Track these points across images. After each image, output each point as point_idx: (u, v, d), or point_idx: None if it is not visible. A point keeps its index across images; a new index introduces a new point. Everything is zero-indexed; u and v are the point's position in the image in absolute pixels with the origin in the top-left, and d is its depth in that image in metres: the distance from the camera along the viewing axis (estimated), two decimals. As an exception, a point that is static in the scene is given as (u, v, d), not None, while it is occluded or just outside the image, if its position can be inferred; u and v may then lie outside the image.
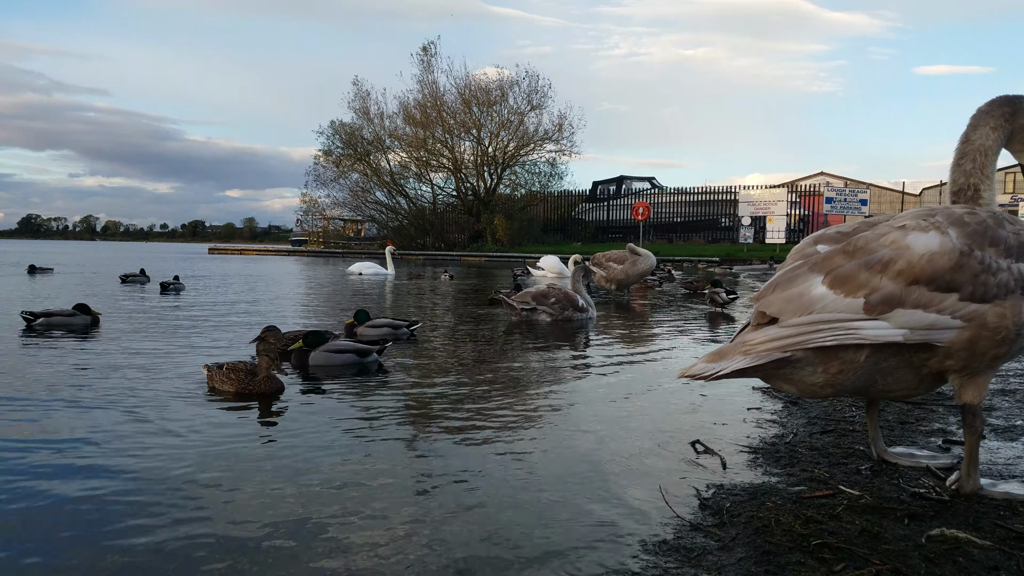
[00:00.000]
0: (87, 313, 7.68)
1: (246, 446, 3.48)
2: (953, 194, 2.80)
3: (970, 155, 2.76)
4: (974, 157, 2.75)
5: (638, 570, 2.17)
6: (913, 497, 2.71)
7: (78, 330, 7.39)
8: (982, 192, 2.75)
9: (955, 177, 2.80)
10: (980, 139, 2.75)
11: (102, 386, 4.73)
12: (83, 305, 7.73)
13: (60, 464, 3.15)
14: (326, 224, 53.86)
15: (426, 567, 2.21)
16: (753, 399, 4.55)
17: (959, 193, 2.78)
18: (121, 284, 14.56)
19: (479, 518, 2.60)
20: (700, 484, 2.92)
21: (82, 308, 7.68)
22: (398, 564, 2.23)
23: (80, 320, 7.59)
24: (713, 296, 10.69)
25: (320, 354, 5.50)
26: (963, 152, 2.77)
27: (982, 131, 2.75)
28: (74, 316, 7.58)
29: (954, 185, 2.80)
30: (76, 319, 7.57)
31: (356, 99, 48.27)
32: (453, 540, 2.41)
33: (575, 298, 9.00)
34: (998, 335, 2.43)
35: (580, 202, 50.37)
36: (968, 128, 2.79)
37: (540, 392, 4.85)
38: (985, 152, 2.75)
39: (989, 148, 2.75)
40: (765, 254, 31.98)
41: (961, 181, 2.78)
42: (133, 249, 63.17)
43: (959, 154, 2.79)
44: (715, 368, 2.49)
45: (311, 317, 9.67)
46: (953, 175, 2.81)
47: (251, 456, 3.31)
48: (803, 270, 2.60)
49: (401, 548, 2.35)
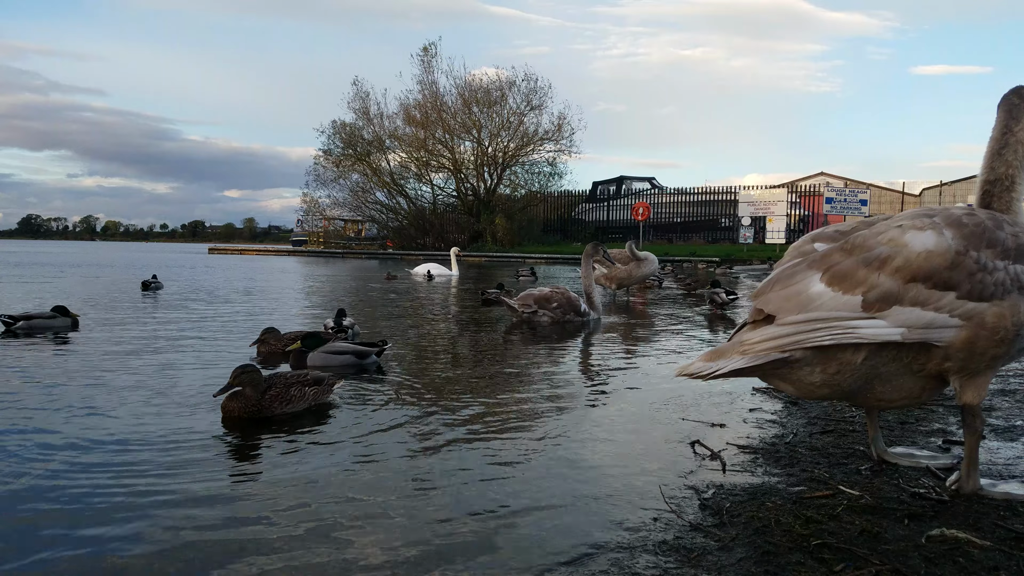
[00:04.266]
0: (66, 315, 7.64)
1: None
2: (987, 183, 2.77)
3: (1013, 146, 2.73)
4: (1017, 148, 2.73)
5: (638, 570, 2.17)
6: (913, 497, 2.70)
7: (59, 331, 7.36)
8: (1017, 184, 2.73)
9: (995, 166, 2.76)
10: (1023, 131, 2.72)
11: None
12: (62, 307, 7.71)
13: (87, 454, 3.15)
14: (326, 224, 53.88)
15: (428, 568, 2.21)
16: (753, 399, 4.55)
17: (995, 183, 2.75)
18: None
19: (479, 518, 2.59)
20: (700, 484, 2.92)
21: (61, 310, 7.65)
22: (401, 563, 2.23)
23: (60, 322, 7.55)
24: (713, 296, 10.69)
25: (318, 355, 5.50)
26: (1006, 142, 2.74)
27: None
28: (54, 318, 7.54)
29: (992, 174, 2.76)
30: (56, 321, 7.53)
31: (356, 99, 48.38)
32: (454, 541, 2.41)
33: (577, 303, 8.99)
34: (997, 335, 2.43)
35: (580, 202, 50.37)
36: (1008, 119, 2.75)
37: (539, 393, 4.85)
38: None
39: None
40: (765, 254, 31.97)
41: (1001, 171, 2.74)
42: (138, 249, 63.12)
43: (1000, 144, 2.75)
44: (713, 367, 2.48)
45: (411, 328, 9.35)
46: (992, 163, 2.77)
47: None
48: (801, 267, 2.60)
49: (403, 552, 2.34)
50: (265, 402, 4.00)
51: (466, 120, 47.24)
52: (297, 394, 4.12)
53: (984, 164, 2.80)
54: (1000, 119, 2.77)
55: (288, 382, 4.15)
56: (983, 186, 2.79)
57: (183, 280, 17.02)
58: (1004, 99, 2.78)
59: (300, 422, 3.95)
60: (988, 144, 2.78)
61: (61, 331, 7.41)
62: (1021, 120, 2.73)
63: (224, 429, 3.80)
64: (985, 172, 2.79)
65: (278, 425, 3.89)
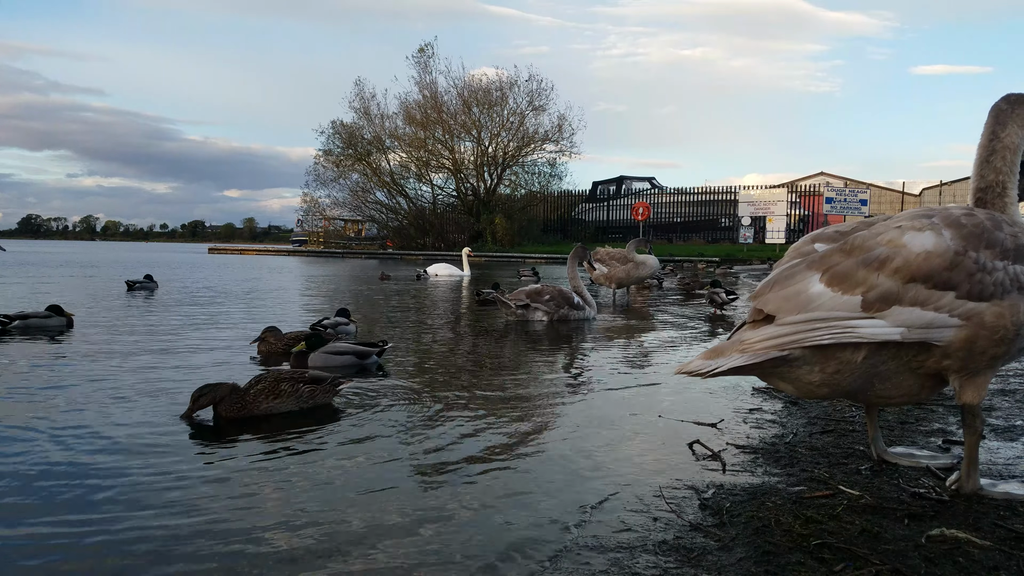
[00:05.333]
0: (61, 314, 7.64)
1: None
2: (979, 190, 2.77)
3: (1000, 152, 2.74)
4: (1004, 155, 2.74)
5: (638, 570, 2.17)
6: (913, 497, 2.71)
7: (54, 331, 7.35)
8: (1008, 190, 2.74)
9: (984, 173, 2.77)
10: (1010, 136, 2.73)
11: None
12: (56, 306, 7.70)
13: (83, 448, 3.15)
14: (327, 224, 53.88)
15: (434, 565, 2.21)
16: (753, 399, 4.55)
17: (987, 190, 2.75)
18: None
19: (479, 518, 2.60)
20: (700, 484, 2.92)
21: (56, 309, 7.64)
22: (398, 560, 2.23)
23: (55, 321, 7.54)
24: (712, 296, 10.70)
25: (319, 355, 5.50)
26: (993, 149, 2.75)
27: (1012, 128, 2.73)
28: (49, 318, 7.53)
29: (982, 181, 2.77)
30: (51, 320, 7.52)
31: (356, 99, 48.38)
32: (452, 540, 2.41)
33: (570, 296, 8.95)
34: (996, 334, 2.43)
35: (580, 202, 50.37)
36: (995, 126, 2.76)
37: (538, 393, 4.85)
38: (1015, 150, 2.74)
39: (1018, 146, 2.74)
40: (765, 254, 31.96)
41: (991, 178, 2.75)
42: (139, 249, 63.13)
43: (988, 151, 2.76)
44: (712, 365, 2.49)
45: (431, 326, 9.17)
46: (981, 171, 2.78)
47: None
48: (801, 268, 2.61)
49: (413, 553, 2.35)
50: (250, 398, 3.96)
51: (466, 120, 47.25)
52: (288, 389, 4.07)
53: (974, 172, 2.81)
54: (987, 125, 2.78)
55: (280, 377, 4.12)
56: (975, 193, 2.80)
57: (182, 280, 17.02)
58: (993, 106, 2.80)
59: (294, 420, 3.94)
60: (977, 152, 2.80)
61: (56, 330, 7.39)
62: (1007, 126, 2.74)
63: (212, 427, 3.80)
64: (976, 180, 2.81)
65: (279, 423, 3.89)
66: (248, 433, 3.73)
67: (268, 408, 4.01)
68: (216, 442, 3.58)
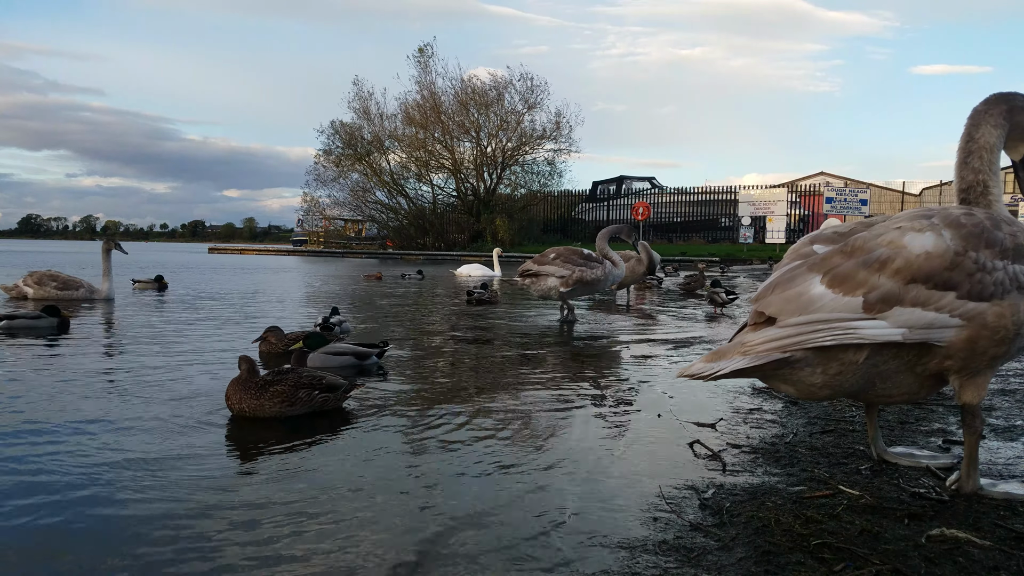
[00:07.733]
0: (56, 315, 7.40)
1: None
2: (962, 191, 2.80)
3: (976, 153, 2.76)
4: (981, 155, 2.76)
5: (638, 570, 2.17)
6: (913, 497, 2.71)
7: (44, 333, 7.11)
8: (991, 188, 2.76)
9: (963, 175, 2.80)
10: (984, 137, 2.76)
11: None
12: (52, 307, 7.49)
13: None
14: (327, 224, 53.89)
15: (428, 568, 2.22)
16: (753, 399, 4.55)
17: (968, 190, 2.78)
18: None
19: (478, 518, 2.60)
20: (700, 484, 2.92)
21: (50, 310, 7.41)
22: (402, 563, 2.24)
23: (46, 323, 7.29)
24: (713, 296, 10.71)
25: (318, 356, 5.49)
26: (969, 150, 2.78)
27: (985, 129, 2.76)
28: (39, 319, 7.28)
29: (963, 183, 2.80)
30: (41, 322, 7.27)
31: (356, 99, 48.38)
32: (453, 541, 2.41)
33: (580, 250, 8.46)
34: (997, 334, 2.44)
35: (580, 202, 50.40)
36: (969, 127, 2.79)
37: (538, 393, 4.85)
38: (991, 149, 2.76)
39: (993, 145, 2.76)
40: (765, 254, 31.99)
41: (971, 178, 2.78)
42: (138, 249, 63.10)
43: (965, 152, 2.79)
44: (714, 368, 2.49)
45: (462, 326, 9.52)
46: (961, 173, 2.80)
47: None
48: (802, 270, 2.61)
49: (402, 553, 2.35)
50: (265, 398, 3.93)
51: (464, 121, 47.26)
52: (305, 397, 4.01)
53: (955, 175, 2.85)
54: (965, 128, 2.81)
55: (300, 383, 4.03)
56: (959, 195, 2.82)
57: (183, 280, 17.03)
58: (972, 110, 2.82)
59: (301, 420, 3.94)
60: (956, 155, 2.82)
61: (46, 332, 7.19)
62: (981, 126, 2.77)
63: (212, 427, 3.80)
64: (957, 181, 2.84)
65: (280, 422, 3.89)
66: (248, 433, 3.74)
67: (279, 413, 3.96)
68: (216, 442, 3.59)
